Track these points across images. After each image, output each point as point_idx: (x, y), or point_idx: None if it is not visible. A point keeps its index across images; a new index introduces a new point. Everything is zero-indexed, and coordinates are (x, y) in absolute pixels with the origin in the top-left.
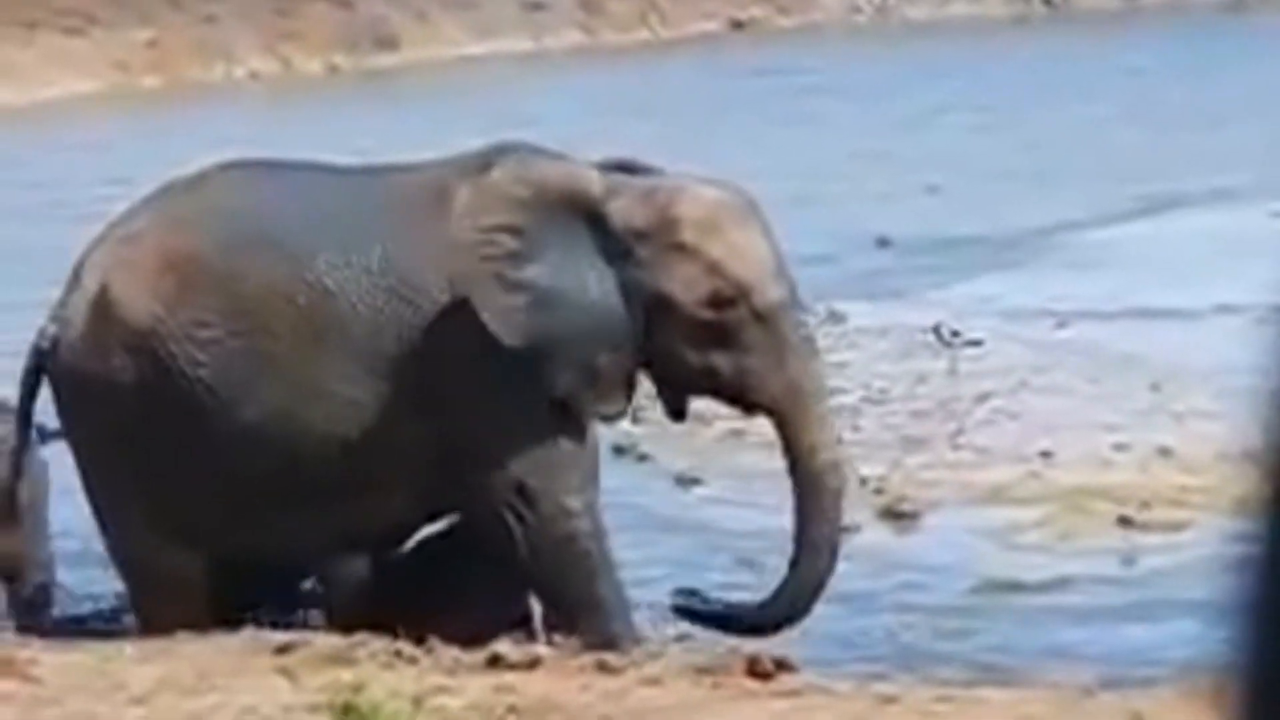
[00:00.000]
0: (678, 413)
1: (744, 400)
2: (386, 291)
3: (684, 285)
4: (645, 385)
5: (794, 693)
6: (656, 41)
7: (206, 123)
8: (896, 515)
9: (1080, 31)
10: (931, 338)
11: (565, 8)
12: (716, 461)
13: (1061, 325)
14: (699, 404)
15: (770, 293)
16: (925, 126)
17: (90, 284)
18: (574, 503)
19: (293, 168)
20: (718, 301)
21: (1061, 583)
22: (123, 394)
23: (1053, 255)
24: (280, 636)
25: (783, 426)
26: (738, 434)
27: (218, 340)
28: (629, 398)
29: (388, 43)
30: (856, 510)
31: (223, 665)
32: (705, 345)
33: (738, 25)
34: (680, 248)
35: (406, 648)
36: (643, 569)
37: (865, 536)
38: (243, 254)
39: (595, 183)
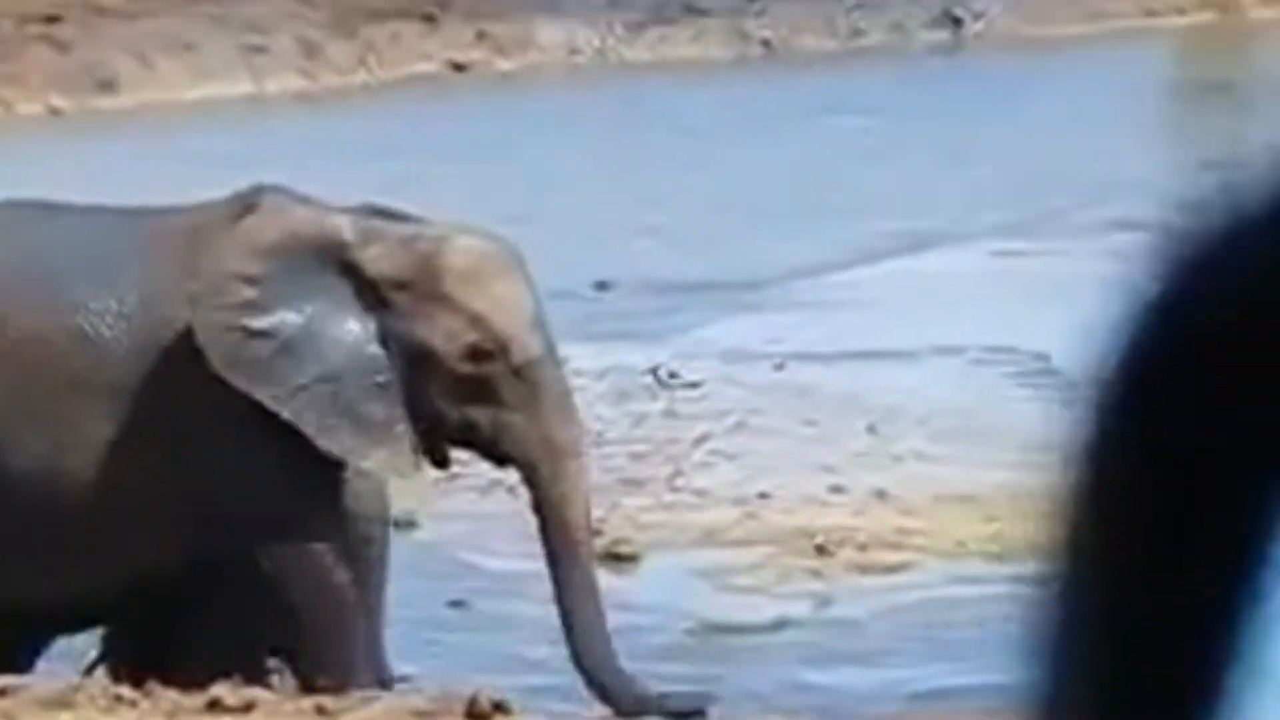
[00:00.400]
0: (439, 462)
1: (499, 453)
2: (143, 336)
3: (445, 337)
4: None
5: None
6: (376, 84)
7: None
8: (615, 557)
9: (799, 72)
10: (650, 380)
11: (285, 52)
12: (433, 504)
13: (779, 367)
14: None
15: (530, 347)
16: (644, 166)
17: None
18: (324, 552)
19: (52, 209)
20: (477, 355)
21: (778, 624)
22: None
23: (772, 297)
24: None
25: (533, 479)
26: (453, 477)
27: None
28: (411, 449)
29: (108, 85)
30: None
31: None
32: (463, 398)
33: (458, 68)
34: (442, 298)
35: (126, 691)
36: None
37: None
38: (4, 298)
39: (346, 229)
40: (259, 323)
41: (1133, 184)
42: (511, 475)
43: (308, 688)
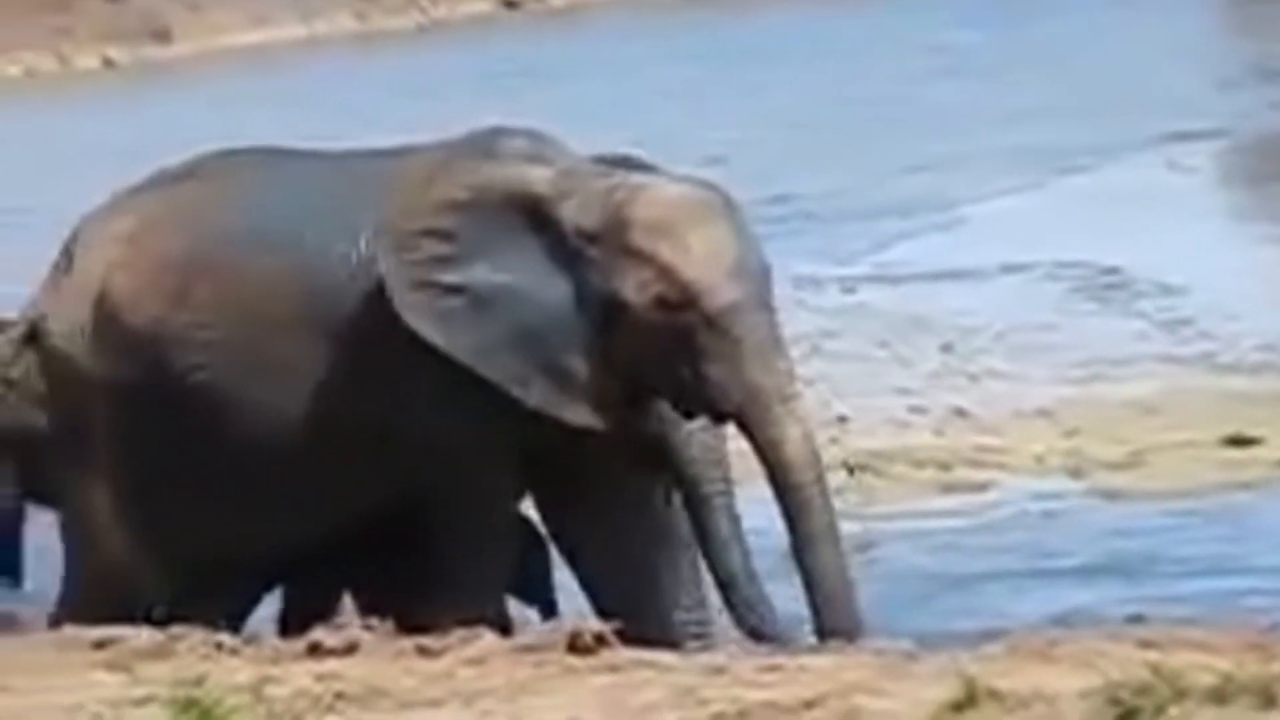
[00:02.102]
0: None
1: (710, 409)
2: (371, 285)
3: (635, 289)
4: None
5: (618, 667)
6: (428, 24)
7: None
8: None
9: None
10: None
11: None
12: None
13: (849, 291)
14: None
15: (724, 295)
16: (697, 94)
17: (87, 278)
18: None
19: (288, 156)
20: (668, 305)
21: (863, 546)
22: (122, 397)
23: (837, 221)
24: (95, 632)
25: (747, 430)
26: None
27: (217, 342)
28: (608, 407)
29: (161, 35)
30: None
31: (41, 662)
32: (659, 350)
33: (510, 4)
34: (631, 251)
35: (226, 639)
36: None
37: None
38: (241, 251)
39: (543, 182)
40: (451, 277)
41: (1189, 98)
42: None
43: (412, 629)
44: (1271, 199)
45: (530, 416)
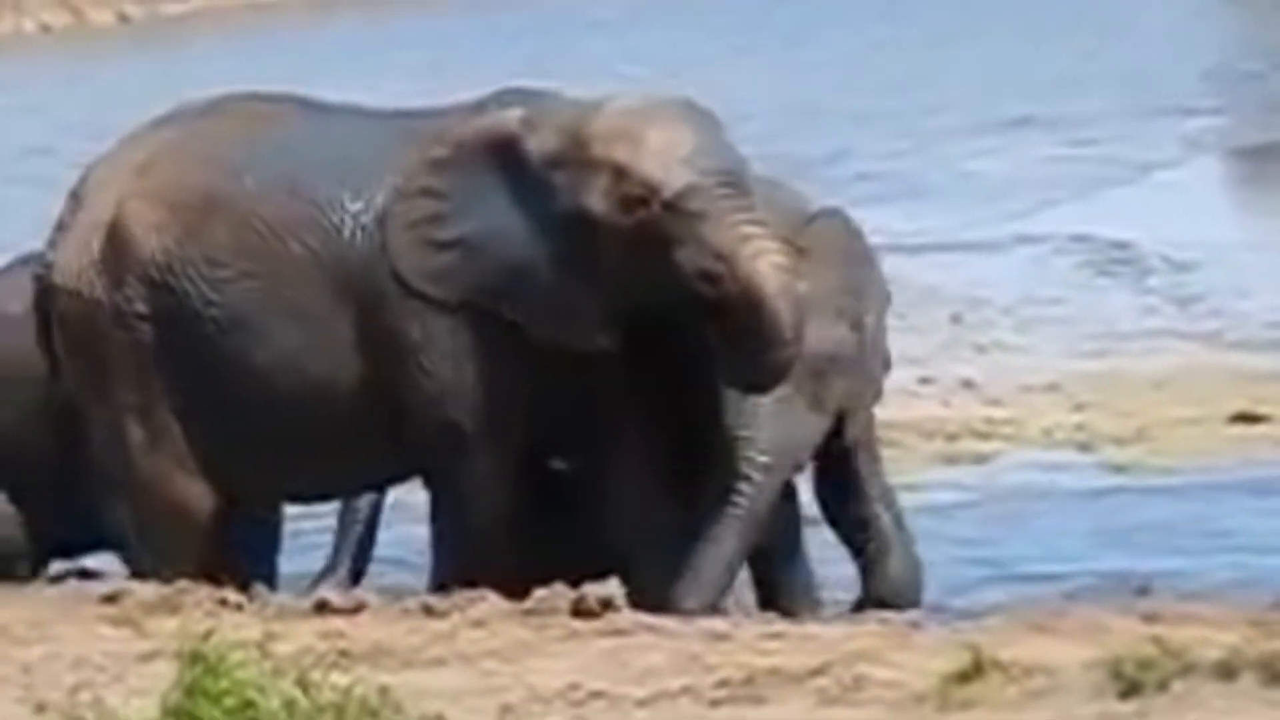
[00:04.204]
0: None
1: (698, 305)
2: (380, 241)
3: (600, 198)
4: None
5: (622, 631)
6: None
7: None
8: None
9: None
10: None
11: None
12: None
13: None
14: None
15: (678, 180)
16: (727, 60)
17: (99, 210)
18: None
19: (310, 105)
20: (631, 203)
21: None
22: (133, 324)
23: (851, 188)
24: (103, 586)
25: (730, 306)
26: None
27: (230, 280)
28: (609, 328)
29: None
30: None
31: (50, 615)
32: (638, 253)
33: None
34: (591, 163)
35: (231, 595)
36: None
37: None
38: (256, 191)
39: (512, 123)
40: (445, 234)
41: (1204, 74)
42: None
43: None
44: None
45: (541, 359)
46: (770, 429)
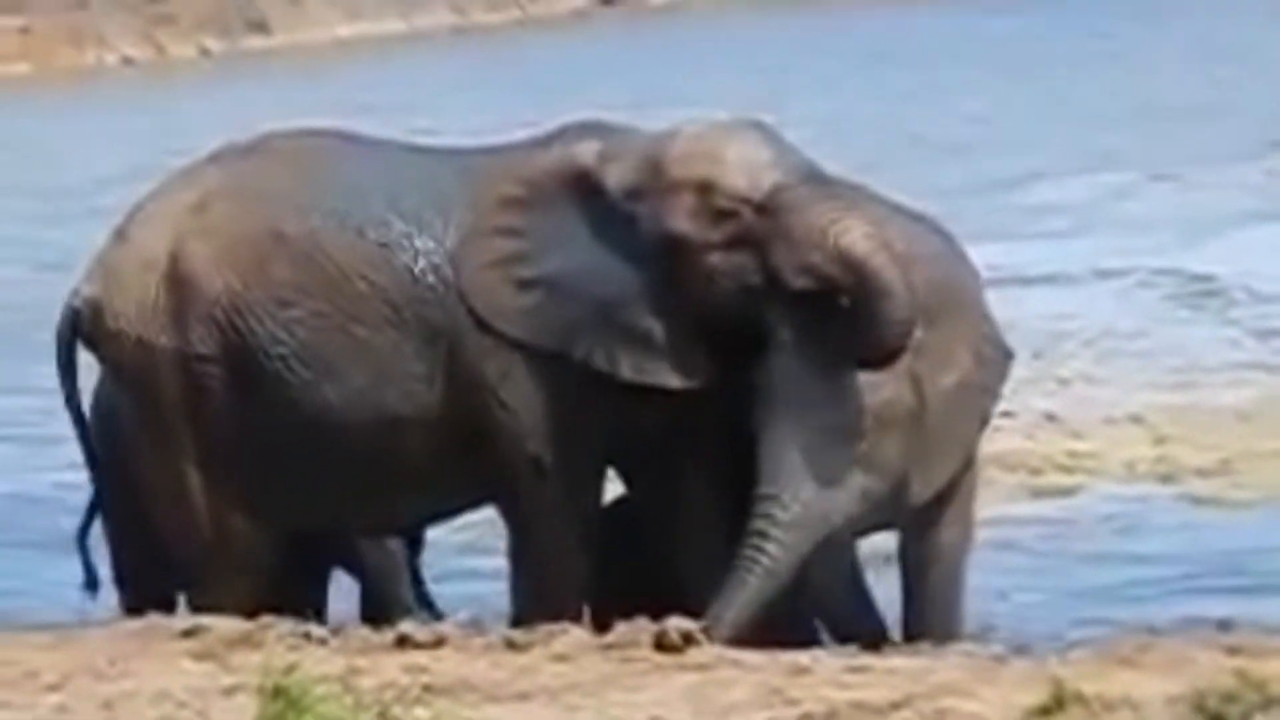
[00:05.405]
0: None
1: (794, 301)
2: (453, 281)
3: (687, 218)
4: None
5: (704, 666)
6: (527, 19)
7: (80, 109)
8: None
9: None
10: None
11: None
12: None
13: None
14: None
15: (765, 181)
16: (796, 92)
17: (150, 250)
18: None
19: (359, 141)
20: (720, 215)
21: None
22: (193, 366)
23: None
24: (182, 621)
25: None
26: None
27: (299, 319)
28: (701, 361)
29: (259, 26)
30: None
31: (130, 649)
32: (731, 268)
33: (607, 1)
34: (672, 187)
35: (315, 629)
36: None
37: None
38: (323, 230)
39: (587, 156)
40: (524, 273)
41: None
42: None
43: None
44: None
45: (621, 395)
46: (805, 487)
